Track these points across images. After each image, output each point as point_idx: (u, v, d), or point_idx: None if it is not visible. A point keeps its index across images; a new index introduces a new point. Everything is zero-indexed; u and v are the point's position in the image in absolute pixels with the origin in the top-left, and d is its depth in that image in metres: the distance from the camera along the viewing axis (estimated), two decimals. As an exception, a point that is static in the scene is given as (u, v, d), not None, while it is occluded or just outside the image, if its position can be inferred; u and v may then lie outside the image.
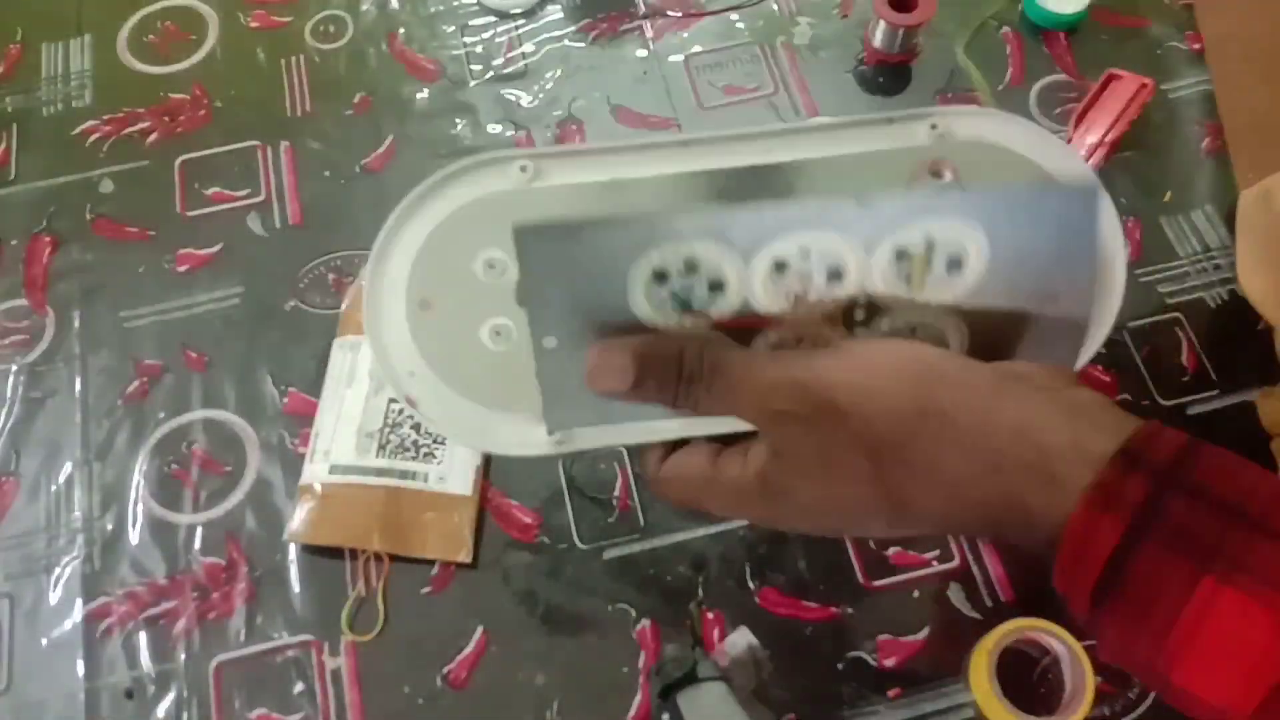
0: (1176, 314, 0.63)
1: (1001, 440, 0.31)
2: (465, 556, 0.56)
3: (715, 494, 0.37)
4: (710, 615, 0.55)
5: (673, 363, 0.36)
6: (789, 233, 0.36)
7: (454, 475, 0.57)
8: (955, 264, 0.37)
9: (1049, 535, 0.31)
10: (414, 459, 0.57)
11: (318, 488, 0.57)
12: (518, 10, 0.77)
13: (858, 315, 0.38)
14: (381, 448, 0.57)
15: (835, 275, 0.37)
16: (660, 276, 0.36)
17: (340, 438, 0.58)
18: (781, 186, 0.41)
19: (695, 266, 0.36)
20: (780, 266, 0.37)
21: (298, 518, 0.56)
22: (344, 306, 0.63)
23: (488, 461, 0.59)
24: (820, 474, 0.33)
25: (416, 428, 0.58)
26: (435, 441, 0.58)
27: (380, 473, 0.57)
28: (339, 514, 0.56)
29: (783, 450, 0.34)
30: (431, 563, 0.56)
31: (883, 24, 0.71)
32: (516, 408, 0.41)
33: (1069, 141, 0.67)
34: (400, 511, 0.56)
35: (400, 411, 0.58)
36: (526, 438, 0.41)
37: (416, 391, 0.41)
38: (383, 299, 0.41)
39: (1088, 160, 0.66)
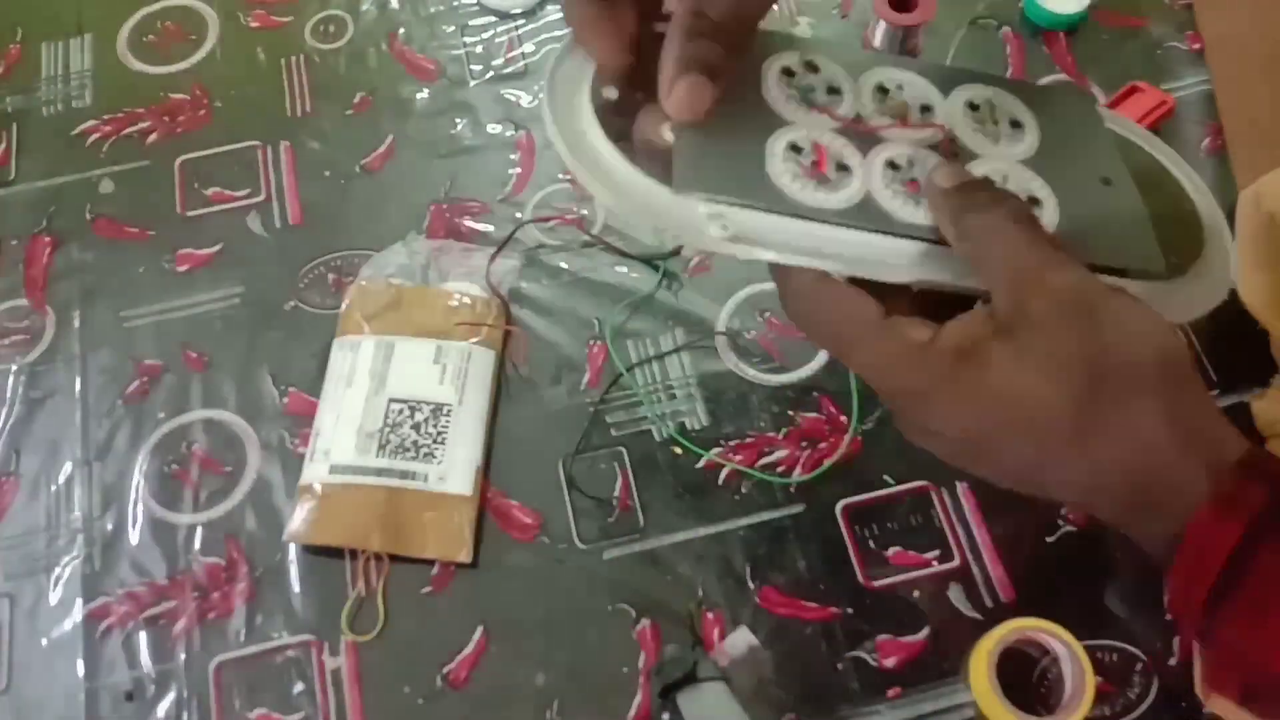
0: (1176, 314, 0.63)
1: (1201, 425, 0.33)
2: (465, 556, 0.56)
3: (873, 344, 0.35)
4: (710, 615, 0.55)
5: (994, 190, 0.37)
6: (883, 67, 0.44)
7: (454, 475, 0.57)
8: (1016, 124, 0.43)
9: (1177, 530, 0.32)
10: (414, 459, 0.57)
11: (318, 488, 0.57)
12: (518, 10, 0.77)
13: (955, 151, 0.41)
14: (381, 448, 0.57)
15: (926, 109, 0.43)
16: (788, 73, 0.42)
17: (340, 438, 0.58)
18: None
19: (815, 68, 0.43)
20: (882, 90, 0.43)
21: (298, 518, 0.56)
22: (344, 306, 0.63)
23: (488, 461, 0.59)
24: (1040, 366, 0.33)
25: (416, 428, 0.58)
26: (435, 441, 0.58)
27: (380, 473, 0.57)
28: (339, 514, 0.56)
29: (1020, 329, 0.33)
30: (431, 563, 0.56)
31: (883, 24, 0.71)
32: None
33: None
34: (400, 511, 0.56)
35: (400, 411, 0.58)
36: (695, 228, 0.38)
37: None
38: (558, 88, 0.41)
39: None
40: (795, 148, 0.40)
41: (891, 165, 0.40)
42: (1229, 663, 0.34)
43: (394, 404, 0.59)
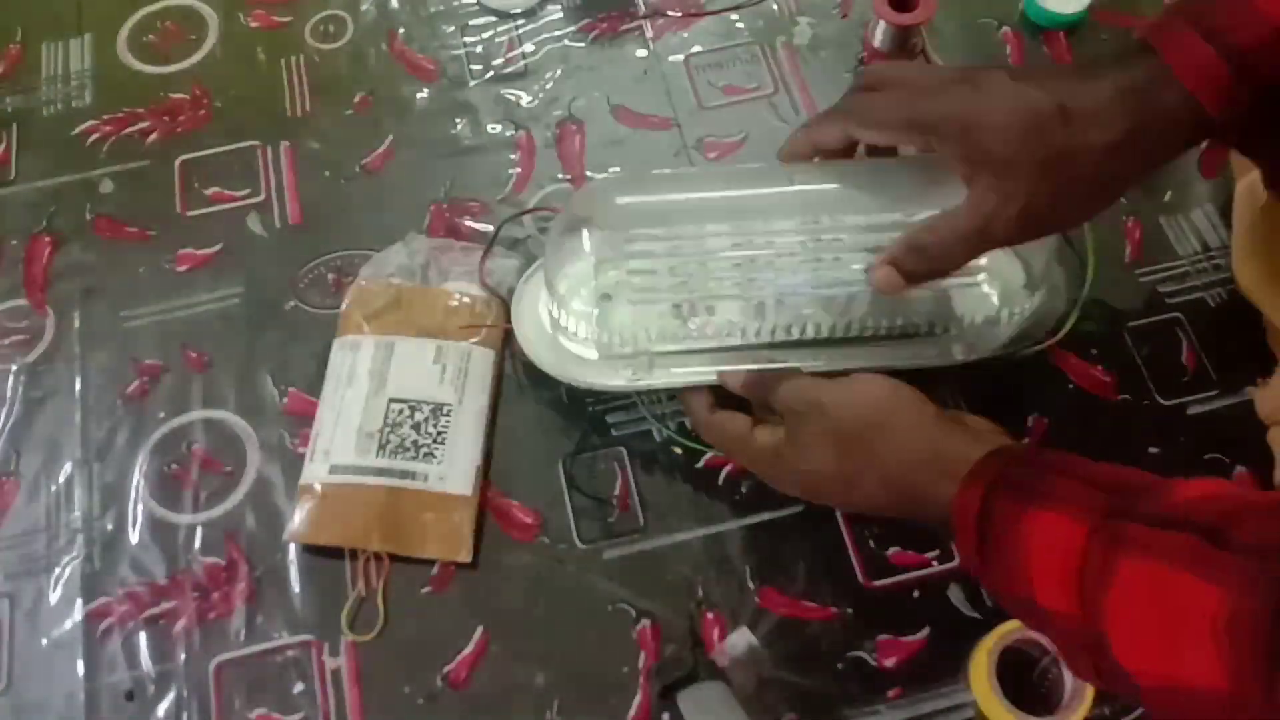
0: (1176, 314, 0.63)
1: (923, 450, 0.46)
2: (465, 556, 0.56)
3: (744, 451, 0.53)
4: (710, 615, 0.55)
5: (765, 378, 0.53)
6: (744, 211, 0.55)
7: (454, 475, 0.57)
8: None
9: (944, 516, 0.44)
10: (414, 459, 0.57)
11: (318, 488, 0.57)
12: (518, 10, 0.77)
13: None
14: (381, 448, 0.57)
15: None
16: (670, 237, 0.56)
17: (340, 438, 0.58)
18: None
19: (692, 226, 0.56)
20: (748, 300, 0.55)
21: (298, 518, 0.56)
22: (344, 306, 0.63)
23: (488, 461, 0.59)
24: (805, 451, 0.49)
25: (416, 428, 0.58)
26: (435, 441, 0.58)
27: (380, 473, 0.57)
28: (339, 514, 0.56)
29: (790, 432, 0.50)
30: (431, 563, 0.56)
31: (883, 24, 0.71)
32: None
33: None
34: (400, 511, 0.56)
35: (400, 411, 0.58)
36: (611, 376, 0.56)
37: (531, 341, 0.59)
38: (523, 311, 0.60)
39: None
40: (677, 306, 0.55)
41: (747, 300, 0.54)
42: (1008, 605, 0.43)
43: (394, 404, 0.59)
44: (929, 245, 0.47)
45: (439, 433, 0.58)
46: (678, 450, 0.59)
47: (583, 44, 0.75)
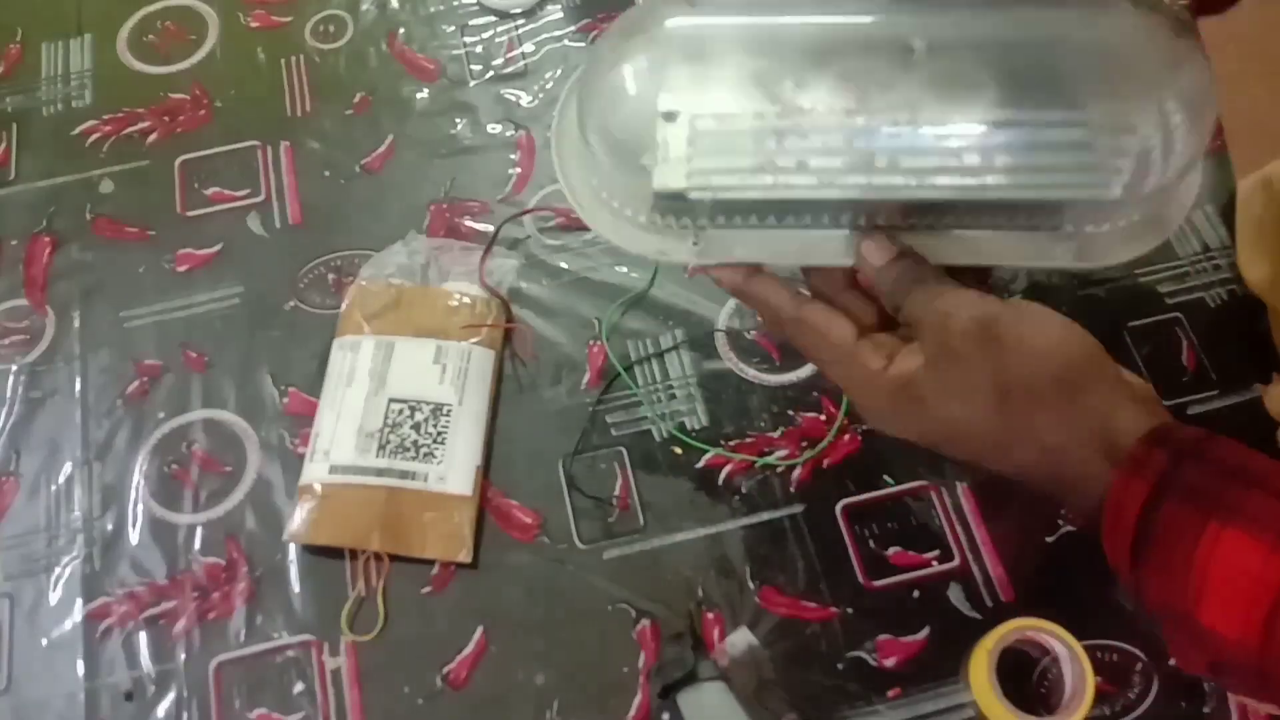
0: (1177, 314, 0.63)
1: (1098, 424, 0.37)
2: (465, 556, 0.56)
3: (843, 368, 0.42)
4: (710, 615, 0.55)
5: (916, 264, 0.41)
6: (845, 55, 0.43)
7: (454, 475, 0.57)
8: (974, 85, 0.42)
9: (1098, 503, 0.37)
10: (414, 459, 0.57)
11: (318, 488, 0.57)
12: (518, 10, 0.77)
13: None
14: (381, 448, 0.57)
15: (886, 89, 0.43)
16: (755, 77, 0.43)
17: (340, 438, 0.58)
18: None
19: (778, 69, 0.43)
20: (842, 78, 0.43)
21: (298, 518, 0.56)
22: (344, 306, 0.63)
23: (488, 461, 0.59)
24: (957, 394, 0.39)
25: (416, 428, 0.58)
26: (435, 441, 0.58)
27: (380, 473, 0.57)
28: (339, 514, 0.56)
29: (940, 364, 0.39)
30: (431, 563, 0.56)
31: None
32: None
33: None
34: (400, 511, 0.56)
35: (400, 411, 0.58)
36: (672, 245, 0.44)
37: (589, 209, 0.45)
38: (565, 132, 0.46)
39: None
40: (759, 149, 0.42)
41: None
42: (1158, 612, 0.37)
43: (394, 404, 0.59)
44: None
45: (439, 433, 0.58)
46: (678, 450, 0.59)
47: (583, 44, 0.75)
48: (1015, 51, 0.43)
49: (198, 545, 0.57)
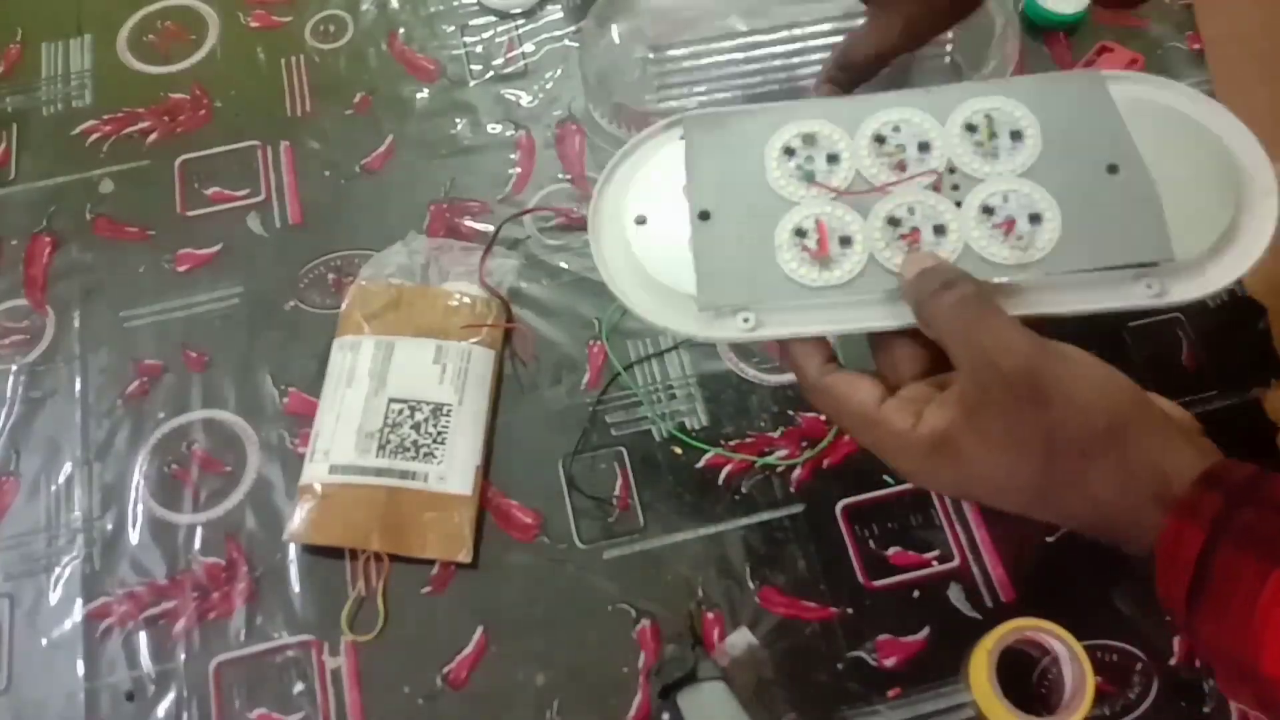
0: (1177, 315, 0.63)
1: (1146, 471, 0.36)
2: (465, 556, 0.56)
3: (869, 433, 0.40)
4: (710, 615, 0.55)
5: (948, 271, 0.40)
6: (880, 110, 0.45)
7: (454, 475, 0.57)
8: (1016, 135, 0.44)
9: (1149, 546, 0.36)
10: (414, 459, 0.57)
11: (318, 488, 0.57)
12: (518, 10, 0.77)
13: (954, 183, 0.43)
14: (381, 448, 0.57)
15: (924, 147, 0.44)
16: (788, 151, 0.45)
17: (340, 438, 0.58)
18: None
19: (813, 140, 0.45)
20: (879, 139, 0.44)
21: (298, 518, 0.56)
22: (344, 306, 0.63)
23: (488, 461, 0.59)
24: (999, 446, 0.37)
25: (416, 428, 0.58)
26: (435, 441, 0.58)
27: (380, 473, 0.57)
28: (339, 514, 0.56)
29: (980, 414, 0.37)
30: (431, 563, 0.56)
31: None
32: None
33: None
34: (400, 511, 0.56)
35: (400, 411, 0.58)
36: (721, 325, 0.43)
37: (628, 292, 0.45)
38: (603, 221, 0.47)
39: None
40: (800, 231, 0.43)
41: (891, 221, 0.43)
42: (1213, 657, 0.37)
43: (394, 404, 0.59)
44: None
45: (439, 433, 0.58)
46: (678, 450, 0.59)
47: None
48: (1050, 105, 0.45)
49: (198, 545, 0.57)
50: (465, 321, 0.61)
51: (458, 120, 0.72)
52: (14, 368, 0.63)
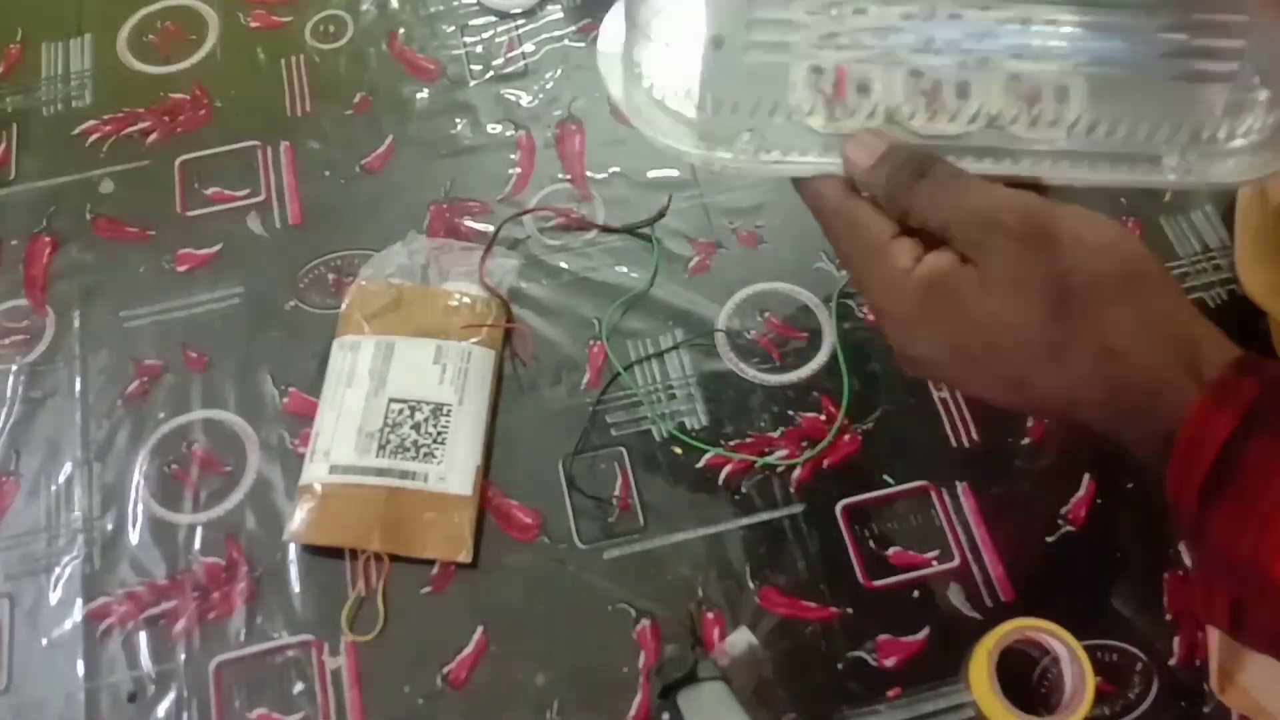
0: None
1: (1173, 327, 0.34)
2: (465, 556, 0.56)
3: (868, 268, 0.37)
4: (710, 615, 0.55)
5: (915, 156, 0.37)
6: (920, 33, 0.38)
7: (454, 475, 0.57)
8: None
9: (1169, 428, 0.33)
10: (414, 459, 0.57)
11: (318, 488, 0.57)
12: (518, 10, 0.77)
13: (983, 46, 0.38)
14: (381, 448, 0.57)
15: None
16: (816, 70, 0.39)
17: (340, 438, 0.58)
18: None
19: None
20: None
21: (298, 518, 0.56)
22: (344, 306, 0.63)
23: (488, 461, 0.59)
24: (1003, 291, 0.34)
25: (416, 428, 0.58)
26: (435, 441, 0.58)
27: (380, 473, 0.57)
28: (339, 514, 0.56)
29: (980, 259, 0.34)
30: (431, 563, 0.56)
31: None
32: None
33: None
34: (400, 511, 0.56)
35: (400, 411, 0.58)
36: (724, 147, 0.40)
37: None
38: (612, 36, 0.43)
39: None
40: (817, 69, 0.39)
41: (914, 73, 0.39)
42: (1218, 561, 0.34)
43: (394, 404, 0.59)
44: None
45: (439, 433, 0.58)
46: (678, 450, 0.59)
47: (583, 44, 0.75)
48: None
49: (198, 545, 0.57)
50: (465, 321, 0.61)
51: (458, 120, 0.72)
52: (14, 368, 0.63)
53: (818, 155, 0.40)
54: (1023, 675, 0.51)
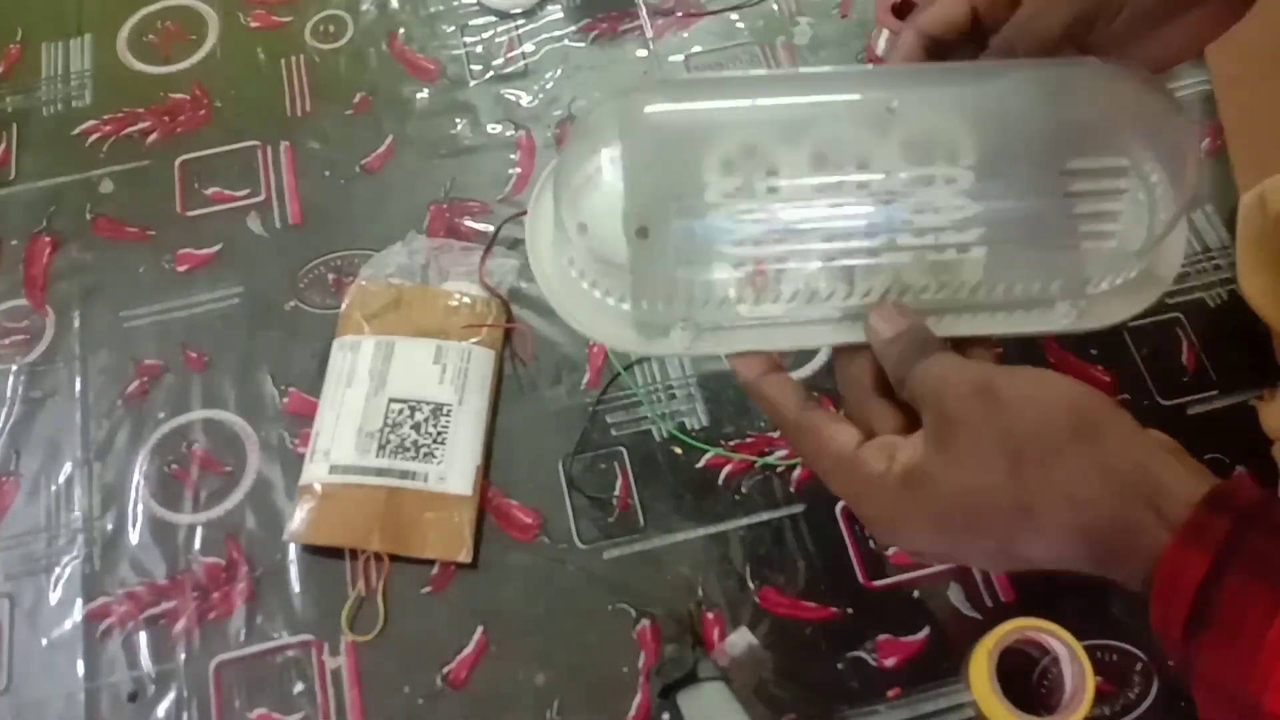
0: (1177, 314, 0.63)
1: (1132, 471, 0.34)
2: (465, 556, 0.56)
3: (844, 477, 0.38)
4: (710, 615, 0.55)
5: (925, 336, 0.39)
6: (824, 122, 0.42)
7: (454, 475, 0.57)
8: (954, 155, 0.42)
9: (1147, 569, 0.33)
10: (414, 459, 0.57)
11: (318, 488, 0.57)
12: (518, 10, 0.77)
13: (888, 200, 0.42)
14: (381, 448, 0.57)
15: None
16: (727, 166, 0.41)
17: (340, 438, 0.58)
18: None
19: (752, 153, 0.41)
20: (819, 157, 0.41)
21: (298, 518, 0.56)
22: (344, 306, 0.63)
23: (488, 461, 0.59)
24: (964, 460, 0.35)
25: (416, 428, 0.58)
26: (435, 441, 0.58)
27: (380, 472, 0.57)
28: (339, 514, 0.56)
29: (942, 436, 0.35)
30: (431, 563, 0.56)
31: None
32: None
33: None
34: (400, 511, 0.56)
35: (400, 411, 0.58)
36: (661, 341, 0.42)
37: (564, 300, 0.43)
38: (540, 230, 0.45)
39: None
40: (737, 262, 0.41)
41: (827, 254, 0.41)
42: (1211, 693, 0.34)
43: (394, 404, 0.59)
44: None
45: (439, 433, 0.58)
46: (678, 450, 0.59)
47: (583, 44, 0.75)
48: (989, 119, 0.42)
49: (198, 545, 0.57)
50: (465, 321, 0.61)
51: (458, 120, 0.72)
52: (14, 368, 0.63)
53: (752, 340, 0.42)
54: (1023, 675, 0.51)
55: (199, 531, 0.58)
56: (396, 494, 0.56)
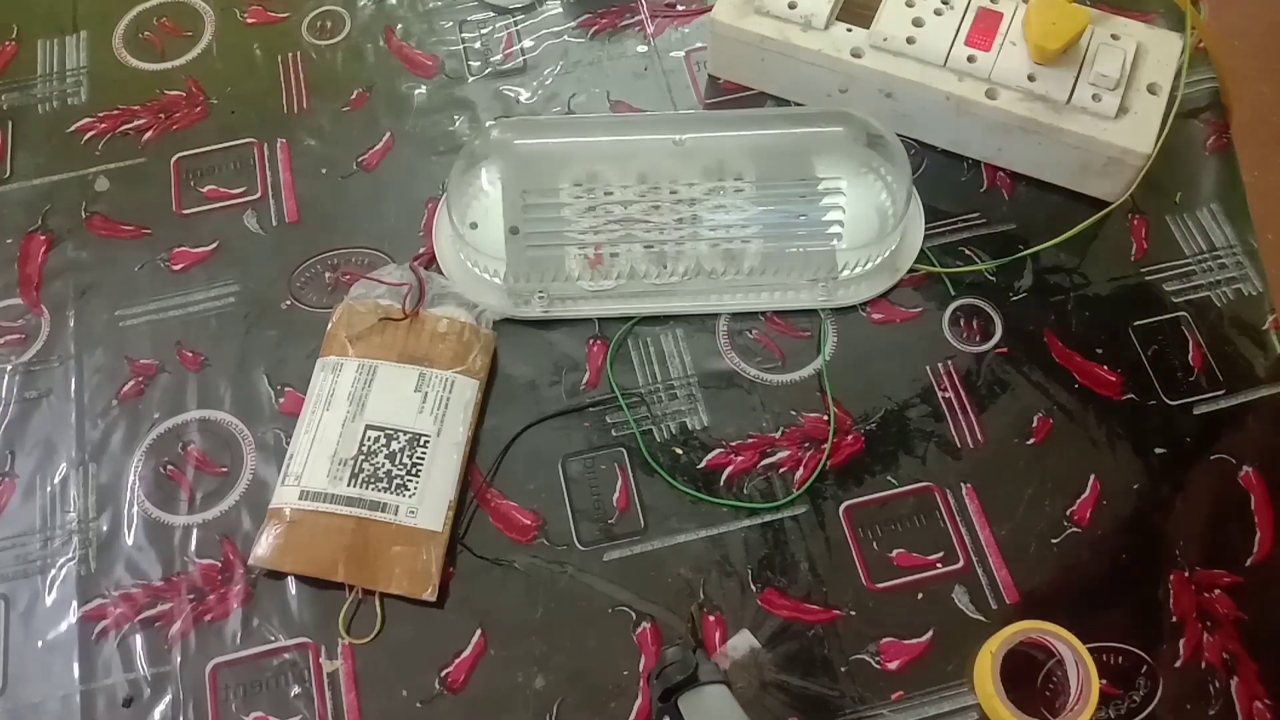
0: (1182, 313, 0.62)
1: None
2: (431, 595, 0.54)
3: None
4: (711, 617, 0.54)
5: None
6: (641, 155, 0.65)
7: (425, 510, 0.55)
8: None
9: None
10: (386, 490, 0.56)
11: (287, 513, 0.56)
12: (516, 6, 0.76)
13: (693, 214, 0.62)
14: (354, 476, 0.56)
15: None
16: (576, 184, 0.64)
17: (313, 462, 0.56)
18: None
19: (595, 177, 0.64)
20: (641, 175, 0.64)
21: (264, 542, 0.55)
22: (330, 325, 0.61)
23: (462, 496, 0.58)
24: None
25: (391, 457, 0.56)
26: (409, 474, 0.56)
27: (351, 502, 0.55)
28: (305, 542, 0.55)
29: None
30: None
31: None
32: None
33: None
34: (367, 544, 0.55)
35: (377, 439, 0.57)
36: (526, 307, 0.62)
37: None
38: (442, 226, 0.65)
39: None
40: (581, 248, 0.61)
41: (645, 245, 0.61)
42: None
43: (370, 431, 0.57)
44: None
45: (414, 464, 0.56)
46: (678, 450, 0.59)
47: (582, 40, 0.75)
48: (761, 150, 0.64)
49: (193, 547, 0.57)
50: (451, 348, 0.60)
51: (456, 116, 0.72)
52: (9, 367, 0.63)
53: (590, 307, 0.62)
54: (1027, 678, 0.51)
55: (195, 533, 0.57)
56: (365, 525, 0.55)
